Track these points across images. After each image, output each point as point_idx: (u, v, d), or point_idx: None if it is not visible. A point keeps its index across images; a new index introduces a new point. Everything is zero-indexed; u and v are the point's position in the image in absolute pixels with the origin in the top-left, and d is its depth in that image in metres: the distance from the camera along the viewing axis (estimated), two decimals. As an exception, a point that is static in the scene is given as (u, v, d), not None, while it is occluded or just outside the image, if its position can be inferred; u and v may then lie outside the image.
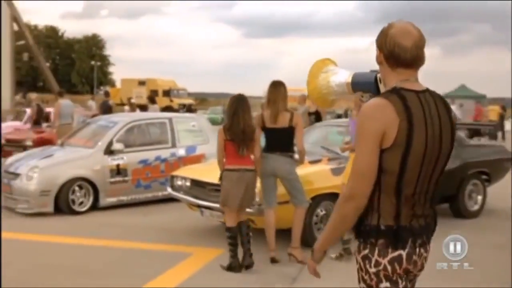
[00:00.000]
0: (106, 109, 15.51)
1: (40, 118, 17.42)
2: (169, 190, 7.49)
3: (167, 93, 47.55)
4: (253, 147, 5.70)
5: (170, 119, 9.76)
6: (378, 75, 2.43)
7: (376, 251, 2.13)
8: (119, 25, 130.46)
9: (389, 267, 2.12)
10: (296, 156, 5.93)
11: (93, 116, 14.96)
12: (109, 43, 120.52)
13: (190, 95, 48.00)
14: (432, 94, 2.23)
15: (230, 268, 5.62)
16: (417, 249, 2.17)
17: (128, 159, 8.91)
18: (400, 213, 2.12)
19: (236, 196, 5.59)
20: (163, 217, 8.22)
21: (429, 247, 2.26)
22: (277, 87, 5.88)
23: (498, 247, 6.65)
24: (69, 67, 75.59)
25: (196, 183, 6.93)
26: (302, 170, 6.08)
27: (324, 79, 2.77)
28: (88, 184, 8.51)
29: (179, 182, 7.28)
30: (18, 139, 13.77)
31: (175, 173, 7.59)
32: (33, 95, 20.54)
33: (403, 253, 2.12)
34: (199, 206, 6.76)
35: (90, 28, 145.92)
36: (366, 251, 2.16)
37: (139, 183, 9.00)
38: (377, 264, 2.13)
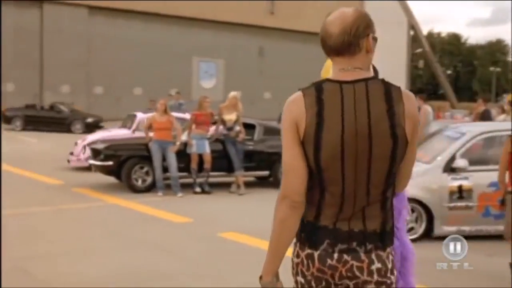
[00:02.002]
0: (485, 118, 13.40)
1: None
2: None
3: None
4: None
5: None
6: None
7: (299, 244, 2.06)
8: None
9: (305, 261, 2.03)
10: None
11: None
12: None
13: None
14: (370, 84, 1.95)
15: None
16: (338, 254, 1.98)
17: (475, 179, 7.15)
18: (320, 210, 2.01)
19: None
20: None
21: (368, 257, 1.98)
22: None
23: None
24: (470, 74, 73.86)
25: None
26: None
27: None
28: (420, 206, 7.06)
29: None
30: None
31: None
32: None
33: (315, 253, 2.00)
34: None
35: (496, 34, 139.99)
36: (295, 240, 2.08)
37: (487, 211, 7.12)
38: (298, 255, 2.06)
